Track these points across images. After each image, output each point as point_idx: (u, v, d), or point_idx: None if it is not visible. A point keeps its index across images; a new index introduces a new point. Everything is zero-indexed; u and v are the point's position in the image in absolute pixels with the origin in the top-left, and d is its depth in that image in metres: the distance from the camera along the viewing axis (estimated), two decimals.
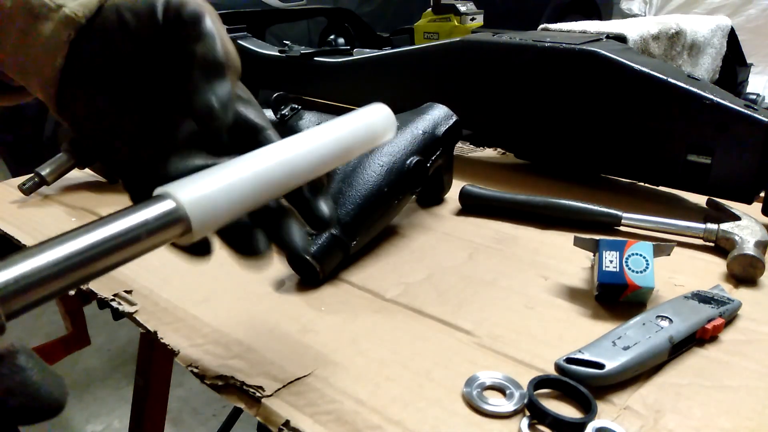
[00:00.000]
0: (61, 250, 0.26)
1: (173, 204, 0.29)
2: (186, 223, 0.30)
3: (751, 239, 0.59)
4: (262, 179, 0.34)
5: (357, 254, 0.62)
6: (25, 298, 0.24)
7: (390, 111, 0.45)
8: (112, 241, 0.27)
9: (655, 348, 0.44)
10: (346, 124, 0.41)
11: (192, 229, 0.30)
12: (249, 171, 0.33)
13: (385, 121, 0.44)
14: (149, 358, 1.02)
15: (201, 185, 0.31)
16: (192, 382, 1.71)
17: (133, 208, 0.29)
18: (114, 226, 0.28)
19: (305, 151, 0.37)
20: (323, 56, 1.13)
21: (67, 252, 0.26)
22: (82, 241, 0.26)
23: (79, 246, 0.26)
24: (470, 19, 2.13)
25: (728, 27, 1.40)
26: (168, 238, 0.30)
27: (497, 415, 0.40)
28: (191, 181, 0.31)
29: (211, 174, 0.32)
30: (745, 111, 0.67)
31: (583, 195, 0.73)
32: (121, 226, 0.28)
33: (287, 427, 0.40)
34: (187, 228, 0.30)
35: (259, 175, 0.33)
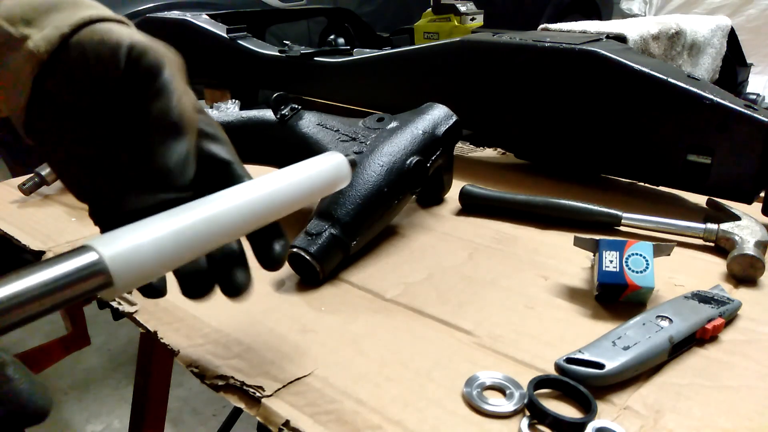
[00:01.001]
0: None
1: (96, 257, 0.28)
2: (107, 276, 0.29)
3: (751, 239, 0.59)
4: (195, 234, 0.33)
5: (357, 254, 0.62)
6: None
7: (345, 159, 0.45)
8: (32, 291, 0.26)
9: (655, 348, 0.44)
10: (298, 174, 0.41)
11: (113, 283, 0.29)
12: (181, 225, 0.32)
13: (338, 170, 0.44)
14: (149, 358, 1.02)
15: (128, 239, 0.30)
16: (192, 382, 1.71)
17: (57, 259, 0.28)
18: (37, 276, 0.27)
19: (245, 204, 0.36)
20: (323, 56, 1.13)
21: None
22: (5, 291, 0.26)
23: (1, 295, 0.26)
24: (470, 19, 2.13)
25: (728, 27, 1.40)
26: (88, 290, 0.29)
27: (497, 415, 0.40)
28: (119, 234, 0.30)
29: (141, 227, 0.31)
30: (745, 111, 0.67)
31: (583, 195, 0.73)
32: (43, 277, 0.27)
33: (287, 427, 0.40)
34: (108, 281, 0.29)
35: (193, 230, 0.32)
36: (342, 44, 1.92)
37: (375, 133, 0.68)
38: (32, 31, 0.37)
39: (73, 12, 0.38)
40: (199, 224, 0.33)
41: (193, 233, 0.32)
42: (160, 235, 0.31)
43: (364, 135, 0.68)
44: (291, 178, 0.40)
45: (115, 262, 0.29)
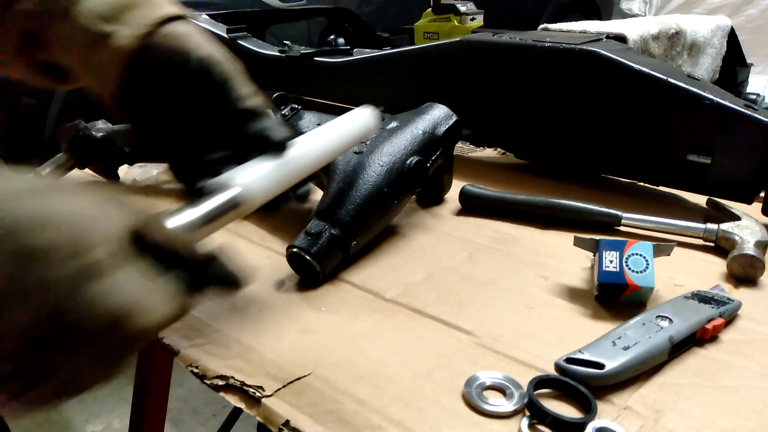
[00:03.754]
0: None
1: (239, 189, 0.43)
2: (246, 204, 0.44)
3: (751, 239, 0.59)
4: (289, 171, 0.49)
5: (357, 254, 0.62)
6: None
7: (375, 111, 0.59)
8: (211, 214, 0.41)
9: (655, 348, 0.44)
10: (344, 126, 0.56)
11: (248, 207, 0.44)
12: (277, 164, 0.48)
13: (373, 118, 0.59)
14: (149, 358, 1.02)
15: (249, 174, 0.45)
16: (192, 382, 1.71)
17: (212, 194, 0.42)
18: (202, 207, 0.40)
19: (318, 148, 0.52)
20: (323, 56, 1.13)
21: None
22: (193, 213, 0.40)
23: None
24: (470, 19, 2.13)
25: (728, 27, 1.40)
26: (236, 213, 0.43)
27: (497, 415, 0.40)
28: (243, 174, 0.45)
29: (254, 168, 0.46)
30: (745, 111, 0.67)
31: (583, 195, 0.73)
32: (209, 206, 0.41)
33: (287, 427, 0.40)
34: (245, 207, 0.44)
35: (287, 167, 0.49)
36: (342, 44, 1.92)
37: (375, 133, 0.68)
38: (114, 28, 0.46)
39: (147, 11, 0.48)
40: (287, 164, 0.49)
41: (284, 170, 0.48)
42: (268, 174, 0.47)
43: None
44: (340, 129, 0.55)
45: (249, 192, 0.44)
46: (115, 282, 0.29)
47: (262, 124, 0.49)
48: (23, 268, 0.26)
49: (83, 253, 0.28)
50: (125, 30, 0.46)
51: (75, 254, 0.28)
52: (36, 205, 0.28)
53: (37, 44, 0.49)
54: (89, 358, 0.29)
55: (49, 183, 0.31)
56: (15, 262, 0.26)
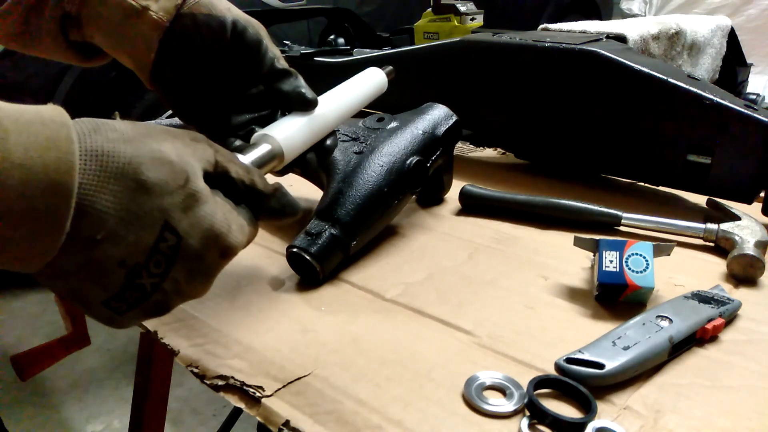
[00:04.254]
0: None
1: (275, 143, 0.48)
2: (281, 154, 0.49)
3: (751, 239, 0.59)
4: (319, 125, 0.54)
5: (357, 254, 0.62)
6: None
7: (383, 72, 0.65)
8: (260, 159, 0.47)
9: (655, 348, 0.44)
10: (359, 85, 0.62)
11: (285, 158, 0.49)
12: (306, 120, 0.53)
13: (382, 79, 0.65)
14: (149, 358, 1.02)
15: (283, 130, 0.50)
16: (192, 382, 1.71)
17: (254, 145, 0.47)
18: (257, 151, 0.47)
19: (339, 105, 0.58)
20: (323, 56, 1.13)
21: None
22: None
23: None
24: (470, 19, 2.13)
25: (728, 27, 1.40)
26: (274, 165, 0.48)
27: (497, 415, 0.40)
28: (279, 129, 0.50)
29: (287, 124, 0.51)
30: (745, 111, 0.67)
31: (583, 195, 0.73)
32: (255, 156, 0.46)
33: (287, 427, 0.40)
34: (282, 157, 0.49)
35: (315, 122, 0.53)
36: (342, 44, 1.92)
37: (375, 133, 0.68)
38: (149, 2, 0.49)
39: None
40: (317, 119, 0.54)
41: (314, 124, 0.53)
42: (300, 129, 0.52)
43: (364, 135, 0.68)
44: (356, 87, 0.61)
45: (285, 144, 0.49)
46: (212, 207, 0.35)
47: (295, 82, 0.53)
48: (146, 197, 0.32)
49: (188, 183, 0.34)
50: (160, 2, 0.49)
51: (183, 185, 0.34)
52: (149, 146, 0.33)
53: (71, 25, 0.51)
54: (189, 272, 0.35)
55: (153, 128, 0.35)
56: (139, 192, 0.32)
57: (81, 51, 0.54)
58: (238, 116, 0.54)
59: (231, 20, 0.51)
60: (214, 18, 0.51)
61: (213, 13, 0.51)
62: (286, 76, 0.53)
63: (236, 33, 0.51)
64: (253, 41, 0.52)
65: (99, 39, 0.52)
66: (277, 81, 0.53)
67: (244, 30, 0.51)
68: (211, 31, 0.51)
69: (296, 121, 0.52)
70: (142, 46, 0.50)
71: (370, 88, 0.63)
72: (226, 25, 0.51)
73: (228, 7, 0.52)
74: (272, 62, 0.53)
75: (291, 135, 0.50)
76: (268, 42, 0.53)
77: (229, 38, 0.51)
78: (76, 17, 0.51)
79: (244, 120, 0.54)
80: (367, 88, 0.63)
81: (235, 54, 0.52)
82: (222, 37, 0.51)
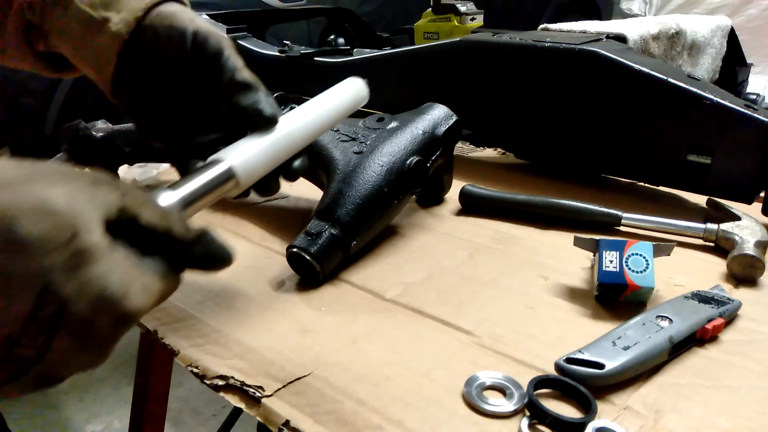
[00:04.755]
0: None
1: (227, 166, 0.44)
2: (236, 178, 0.44)
3: (751, 239, 0.59)
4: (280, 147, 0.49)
5: (357, 254, 0.62)
6: None
7: (363, 82, 0.59)
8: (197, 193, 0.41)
9: (655, 348, 0.44)
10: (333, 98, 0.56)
11: (239, 183, 0.44)
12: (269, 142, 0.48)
13: (361, 91, 0.58)
14: (149, 358, 1.02)
15: (242, 153, 0.45)
16: (192, 382, 1.71)
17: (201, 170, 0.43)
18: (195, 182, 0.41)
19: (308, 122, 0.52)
20: (323, 56, 1.13)
21: None
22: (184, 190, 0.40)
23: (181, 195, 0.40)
24: (470, 19, 2.13)
25: (728, 27, 1.40)
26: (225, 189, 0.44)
27: (497, 415, 0.40)
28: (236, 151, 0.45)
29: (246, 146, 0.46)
30: (745, 111, 0.67)
31: (583, 195, 0.73)
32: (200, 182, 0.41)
33: (287, 427, 0.40)
34: (237, 181, 0.44)
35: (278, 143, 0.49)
36: (342, 44, 1.92)
37: (375, 133, 0.68)
38: (110, 13, 0.47)
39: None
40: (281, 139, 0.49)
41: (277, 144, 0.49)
42: (259, 149, 0.47)
43: (364, 135, 0.68)
44: (331, 102, 0.55)
45: (239, 168, 0.44)
46: (107, 265, 0.30)
47: (255, 96, 0.49)
48: (21, 256, 0.27)
49: (76, 238, 0.28)
50: (121, 14, 0.47)
51: (68, 240, 0.28)
52: (31, 194, 0.28)
53: (36, 34, 0.50)
54: (78, 342, 0.30)
55: (42, 169, 0.30)
56: (12, 250, 0.27)
57: (50, 61, 0.53)
58: (204, 136, 0.51)
59: (192, 30, 0.49)
60: (174, 29, 0.48)
61: (174, 24, 0.48)
62: (245, 89, 0.49)
63: (196, 43, 0.48)
64: (214, 52, 0.49)
65: (64, 49, 0.50)
66: (236, 94, 0.49)
67: (205, 40, 0.49)
68: (170, 43, 0.48)
69: (256, 143, 0.47)
70: (102, 58, 0.48)
71: (347, 100, 0.57)
72: (186, 35, 0.48)
73: (191, 18, 0.50)
74: (232, 73, 0.49)
75: (249, 158, 0.45)
76: (230, 53, 0.50)
77: (189, 50, 0.48)
78: (39, 28, 0.49)
79: (210, 140, 0.50)
80: (342, 101, 0.57)
81: (196, 66, 0.49)
82: (182, 48, 0.48)
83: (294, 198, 0.80)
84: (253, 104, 0.49)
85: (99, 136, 0.82)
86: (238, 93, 0.49)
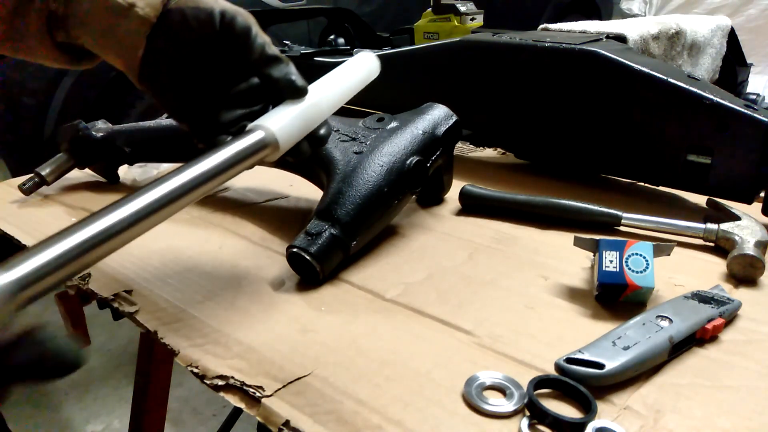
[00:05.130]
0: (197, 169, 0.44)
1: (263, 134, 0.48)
2: (275, 143, 0.49)
3: (751, 239, 0.59)
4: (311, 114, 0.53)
5: (357, 254, 0.62)
6: None
7: (374, 56, 0.64)
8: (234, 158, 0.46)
9: (655, 348, 0.44)
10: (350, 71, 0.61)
11: (279, 146, 0.49)
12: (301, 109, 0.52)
13: (373, 64, 0.64)
14: (149, 358, 1.02)
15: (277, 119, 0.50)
16: (192, 382, 1.71)
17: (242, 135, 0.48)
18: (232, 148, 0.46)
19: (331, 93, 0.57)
20: (323, 56, 1.13)
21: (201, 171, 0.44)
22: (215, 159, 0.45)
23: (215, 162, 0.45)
24: (470, 19, 2.13)
25: (728, 27, 1.40)
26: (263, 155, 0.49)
27: (497, 415, 0.40)
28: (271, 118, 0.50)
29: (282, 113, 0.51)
30: (745, 111, 0.67)
31: (583, 195, 0.73)
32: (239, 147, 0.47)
33: (287, 427, 0.40)
34: (275, 147, 0.49)
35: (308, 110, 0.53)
36: (342, 44, 1.92)
37: (375, 133, 0.68)
38: None
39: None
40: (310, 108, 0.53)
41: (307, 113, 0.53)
42: (293, 116, 0.51)
43: (364, 135, 0.68)
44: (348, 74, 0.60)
45: (279, 133, 0.49)
46: None
47: (286, 68, 0.52)
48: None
49: None
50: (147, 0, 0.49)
51: None
52: None
53: (57, 25, 0.50)
54: None
55: None
56: None
57: (69, 53, 0.54)
58: (229, 112, 0.53)
59: (219, 11, 0.50)
60: (202, 10, 0.50)
61: (200, 6, 0.50)
62: (276, 62, 0.52)
63: (225, 23, 0.50)
64: (243, 29, 0.51)
65: (86, 39, 0.51)
66: (268, 67, 0.52)
67: (233, 19, 0.51)
68: (199, 24, 0.50)
69: (289, 110, 0.51)
70: (129, 44, 0.50)
71: (362, 73, 0.61)
72: (214, 15, 0.50)
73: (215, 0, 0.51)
74: (262, 48, 0.52)
75: (285, 124, 0.50)
76: (257, 29, 0.52)
77: (218, 29, 0.50)
78: (63, 17, 0.50)
79: (236, 116, 0.53)
80: (358, 74, 0.61)
81: (225, 44, 0.51)
82: (211, 28, 0.50)
83: (294, 198, 0.80)
84: (285, 75, 0.52)
85: (99, 136, 0.82)
86: (269, 66, 0.52)
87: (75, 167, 0.84)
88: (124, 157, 0.84)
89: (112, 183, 0.87)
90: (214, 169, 0.45)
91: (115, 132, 0.83)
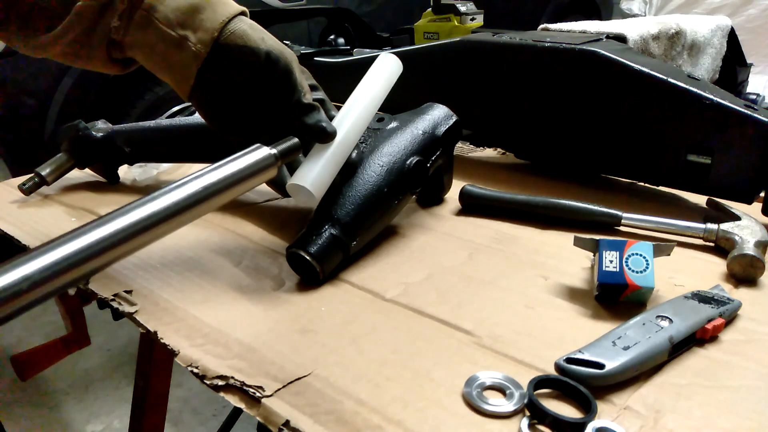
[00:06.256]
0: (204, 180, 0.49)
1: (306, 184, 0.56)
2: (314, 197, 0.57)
3: (751, 239, 0.59)
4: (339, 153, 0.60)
5: (357, 254, 0.62)
6: None
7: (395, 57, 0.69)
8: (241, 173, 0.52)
9: (655, 348, 0.44)
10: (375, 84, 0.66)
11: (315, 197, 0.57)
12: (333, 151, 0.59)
13: (394, 66, 0.69)
14: (149, 358, 1.02)
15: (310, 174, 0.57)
16: (192, 382, 1.71)
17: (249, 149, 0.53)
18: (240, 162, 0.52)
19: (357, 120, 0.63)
20: (323, 56, 1.13)
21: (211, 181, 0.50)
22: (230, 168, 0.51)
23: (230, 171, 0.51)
24: (470, 19, 2.13)
25: (728, 27, 1.40)
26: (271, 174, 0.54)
27: (497, 415, 0.40)
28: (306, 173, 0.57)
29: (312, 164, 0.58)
30: (745, 111, 0.67)
31: (583, 195, 0.73)
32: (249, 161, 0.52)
33: (287, 427, 0.40)
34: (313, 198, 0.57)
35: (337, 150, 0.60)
36: (342, 44, 1.92)
37: (375, 133, 0.68)
38: (187, 32, 0.54)
39: (213, 12, 0.55)
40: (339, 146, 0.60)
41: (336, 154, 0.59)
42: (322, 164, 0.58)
43: (364, 135, 0.68)
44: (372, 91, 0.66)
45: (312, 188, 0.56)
46: None
47: (317, 116, 0.58)
48: None
49: None
50: (198, 34, 0.54)
51: None
52: None
53: (115, 47, 0.56)
54: None
55: None
56: None
57: (121, 62, 0.59)
58: (271, 135, 0.57)
59: (264, 51, 0.56)
60: (249, 48, 0.55)
61: (248, 44, 0.55)
62: (310, 110, 0.58)
63: (269, 63, 0.56)
64: (283, 71, 0.57)
65: (140, 58, 0.57)
66: (302, 115, 0.58)
67: (276, 60, 0.56)
68: (245, 62, 0.55)
69: (320, 159, 0.58)
70: (180, 73, 0.55)
71: (386, 82, 0.66)
72: (260, 56, 0.56)
73: (262, 38, 0.56)
74: (299, 96, 0.58)
75: (317, 176, 0.57)
76: (297, 74, 0.58)
77: (262, 67, 0.56)
78: (120, 42, 0.55)
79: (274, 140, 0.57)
80: (382, 84, 0.66)
81: (268, 81, 0.57)
82: (256, 67, 0.56)
83: None
84: (317, 123, 0.58)
85: (99, 136, 0.82)
86: (303, 114, 0.58)
87: (75, 167, 0.84)
88: (124, 157, 0.84)
89: (112, 183, 0.87)
90: None
91: (115, 132, 0.83)
